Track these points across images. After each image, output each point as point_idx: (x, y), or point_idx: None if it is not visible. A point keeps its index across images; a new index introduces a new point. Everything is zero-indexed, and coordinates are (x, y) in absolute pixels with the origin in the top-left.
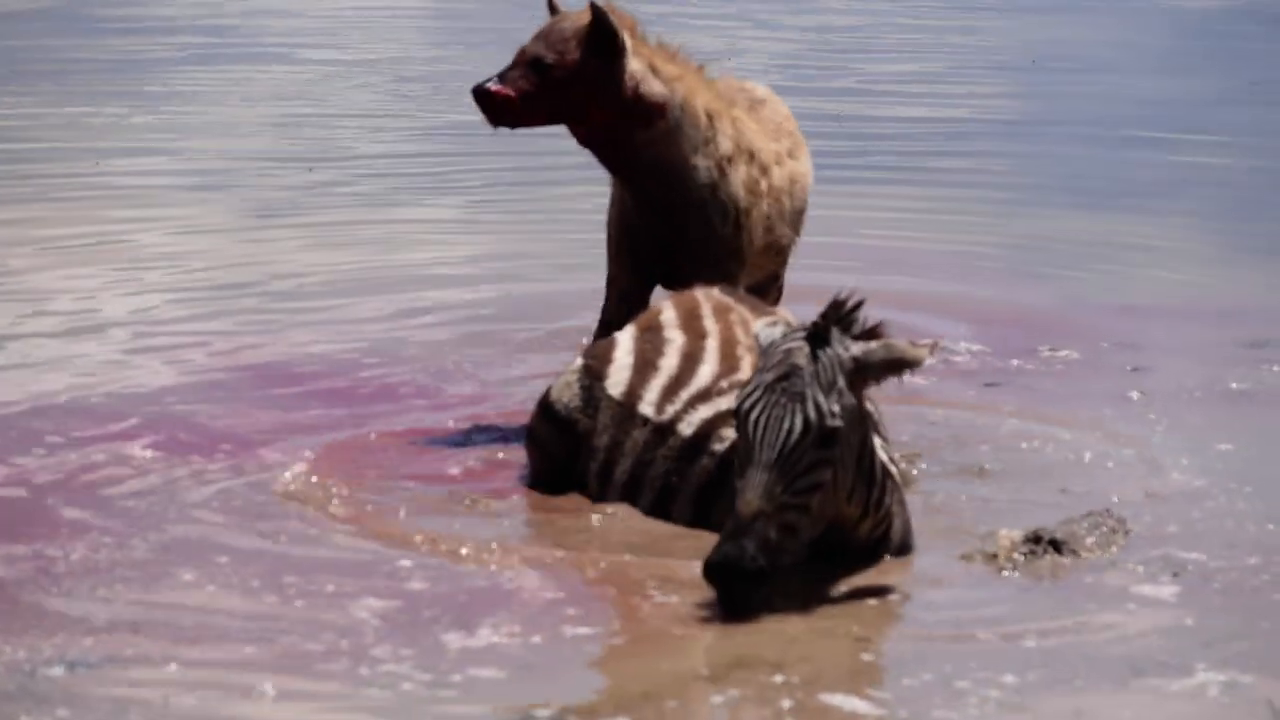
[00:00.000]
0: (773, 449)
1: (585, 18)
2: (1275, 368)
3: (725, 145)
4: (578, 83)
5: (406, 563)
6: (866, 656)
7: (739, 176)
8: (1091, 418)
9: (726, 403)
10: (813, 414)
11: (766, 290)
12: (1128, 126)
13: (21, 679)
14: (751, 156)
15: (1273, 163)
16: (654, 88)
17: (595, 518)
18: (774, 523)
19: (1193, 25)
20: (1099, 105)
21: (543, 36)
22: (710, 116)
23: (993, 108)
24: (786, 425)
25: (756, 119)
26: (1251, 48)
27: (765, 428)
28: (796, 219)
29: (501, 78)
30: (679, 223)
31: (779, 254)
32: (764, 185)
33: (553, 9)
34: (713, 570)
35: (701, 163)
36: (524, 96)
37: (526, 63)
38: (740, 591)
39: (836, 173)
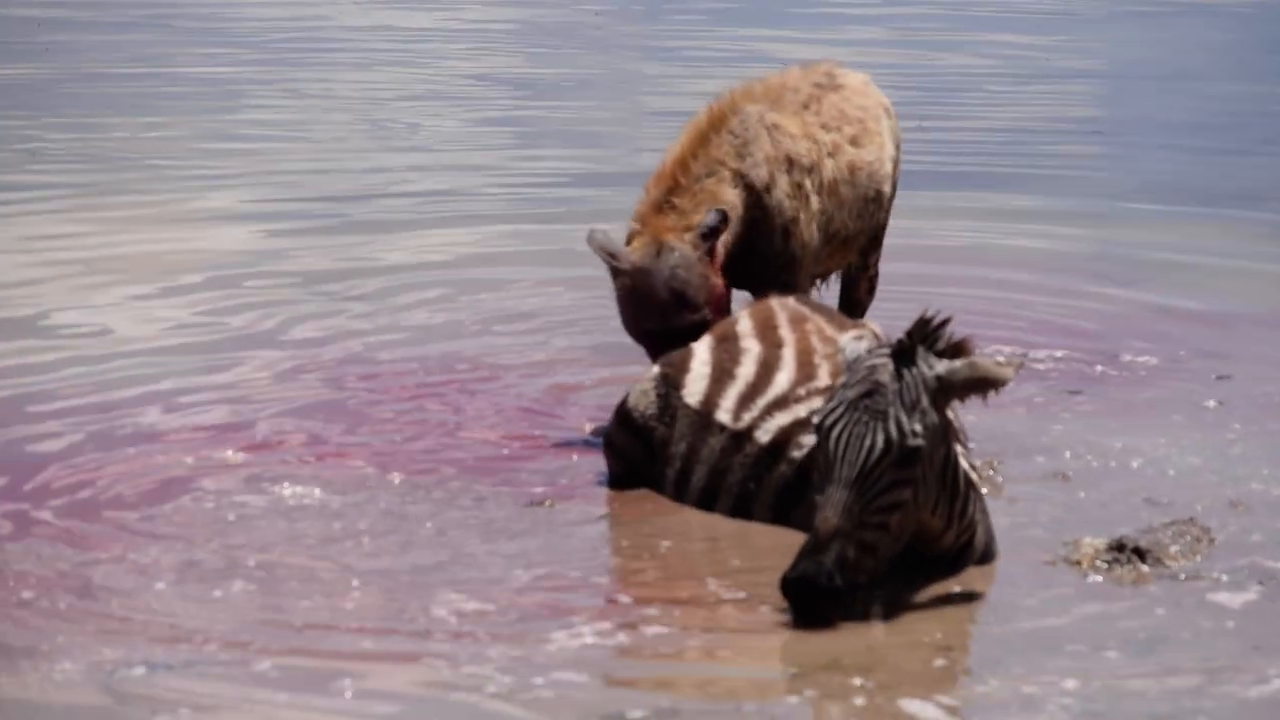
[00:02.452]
0: (853, 467)
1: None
2: None
3: (760, 173)
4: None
5: (487, 566)
6: (947, 663)
7: (781, 191)
8: (1174, 425)
9: (804, 410)
10: (894, 433)
11: (855, 283)
12: (1211, 134)
13: (103, 679)
14: (790, 163)
15: None
16: (711, 279)
17: (675, 519)
18: (853, 541)
19: (1273, 31)
20: (1182, 112)
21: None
22: (751, 186)
23: (1077, 113)
24: (868, 443)
25: (816, 109)
26: None
27: (846, 445)
28: (864, 208)
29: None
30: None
31: (845, 245)
32: (809, 184)
33: (614, 270)
34: (790, 588)
35: (755, 217)
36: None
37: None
38: (817, 609)
39: (920, 177)
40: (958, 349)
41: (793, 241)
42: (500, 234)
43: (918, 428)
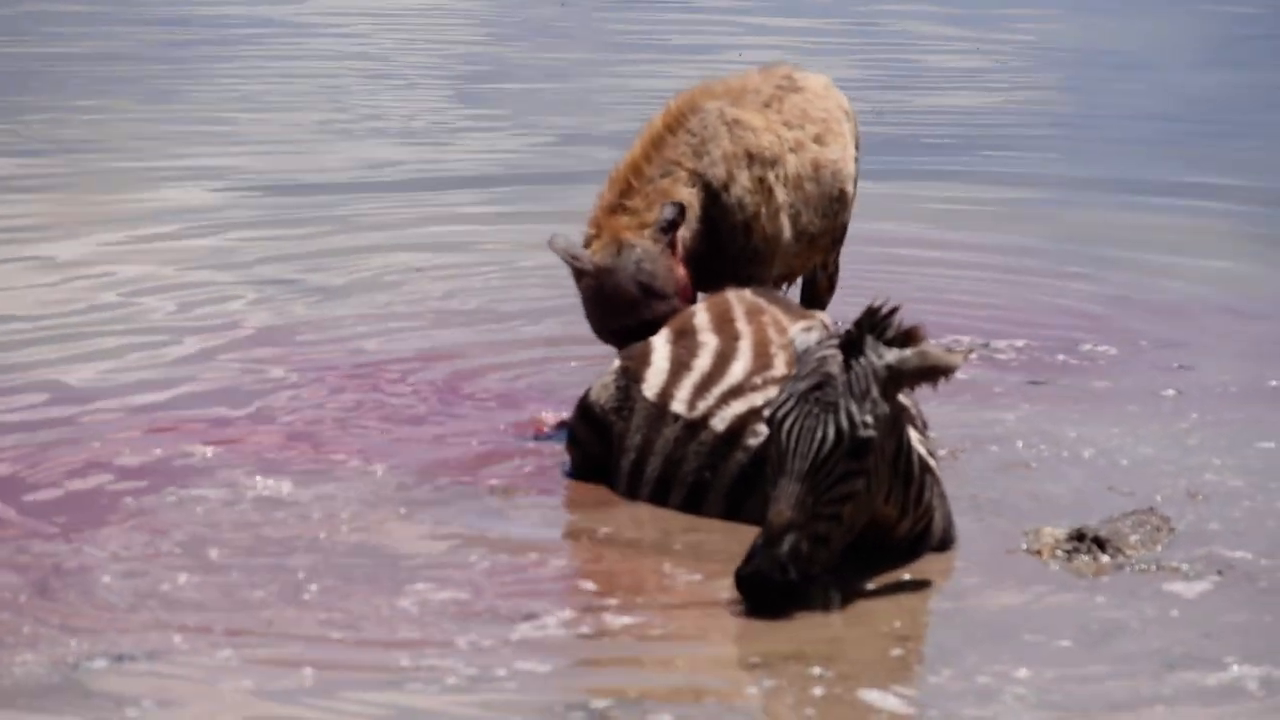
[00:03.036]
0: (805, 459)
1: (624, 288)
2: None
3: (718, 171)
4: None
5: (450, 556)
6: (905, 653)
7: (740, 188)
8: (1134, 415)
9: (760, 398)
10: (845, 424)
11: (816, 283)
12: (1173, 122)
13: (65, 672)
14: (751, 157)
15: None
16: (675, 269)
17: (633, 509)
18: (806, 534)
19: (1236, 21)
20: (1144, 101)
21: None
22: (708, 185)
23: (1038, 103)
24: (819, 435)
25: (779, 108)
26: None
27: (798, 438)
28: (829, 206)
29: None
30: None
31: (811, 243)
32: (772, 177)
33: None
34: (745, 582)
35: (714, 214)
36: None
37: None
38: (771, 603)
39: (880, 166)
40: (908, 337)
41: (755, 237)
42: (465, 215)
43: (868, 419)
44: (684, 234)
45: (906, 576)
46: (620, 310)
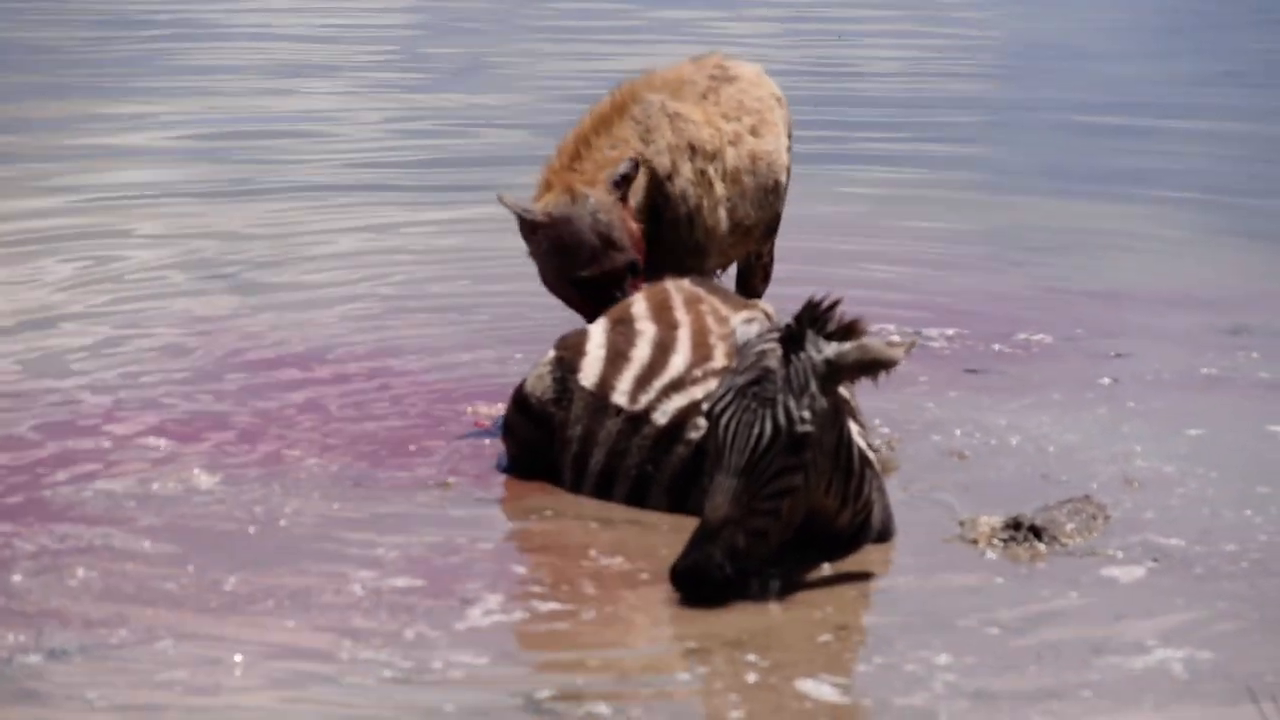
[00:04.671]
0: (742, 454)
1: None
2: (1253, 354)
3: (663, 160)
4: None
5: (384, 548)
6: (840, 641)
7: (683, 179)
8: (1069, 403)
9: (700, 391)
10: (783, 419)
11: (751, 272)
12: (1106, 113)
13: (0, 668)
14: (693, 150)
15: (1250, 149)
16: (629, 222)
17: (572, 502)
18: (743, 529)
19: (1169, 12)
20: (1077, 92)
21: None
22: (653, 173)
23: (971, 94)
24: (756, 431)
25: (715, 100)
26: (1226, 35)
27: (735, 433)
28: (764, 197)
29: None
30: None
31: (746, 234)
32: (713, 171)
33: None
34: (680, 577)
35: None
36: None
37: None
38: (707, 598)
39: (814, 157)
40: (848, 330)
41: (697, 230)
42: (409, 210)
43: (806, 414)
44: (632, 205)
45: (845, 567)
46: (581, 259)
